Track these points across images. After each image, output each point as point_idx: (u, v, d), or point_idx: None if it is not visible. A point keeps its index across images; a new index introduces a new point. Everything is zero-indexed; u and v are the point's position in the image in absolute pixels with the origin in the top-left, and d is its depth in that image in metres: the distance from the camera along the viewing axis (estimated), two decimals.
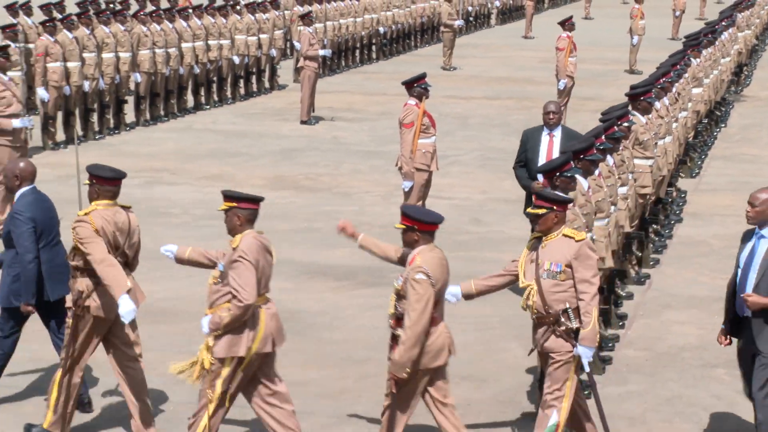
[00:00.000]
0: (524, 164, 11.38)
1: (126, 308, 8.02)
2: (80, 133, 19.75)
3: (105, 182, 8.74)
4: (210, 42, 23.06)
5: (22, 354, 9.59)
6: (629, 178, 11.42)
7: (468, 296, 8.56)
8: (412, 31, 34.38)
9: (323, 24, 27.45)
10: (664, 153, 13.26)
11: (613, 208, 10.37)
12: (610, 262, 10.18)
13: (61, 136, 19.50)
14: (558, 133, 11.13)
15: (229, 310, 7.61)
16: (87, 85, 19.37)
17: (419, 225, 7.88)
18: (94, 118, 20.16)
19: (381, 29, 31.95)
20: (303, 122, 22.14)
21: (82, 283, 8.39)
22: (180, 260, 8.54)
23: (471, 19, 39.47)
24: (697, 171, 18.11)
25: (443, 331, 8.04)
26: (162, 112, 22.08)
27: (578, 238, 7.82)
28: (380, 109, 23.33)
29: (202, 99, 23.75)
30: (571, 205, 8.90)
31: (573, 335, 7.66)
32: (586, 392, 8.79)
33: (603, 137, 10.28)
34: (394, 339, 7.88)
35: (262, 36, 25.06)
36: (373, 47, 32.04)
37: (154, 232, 14.25)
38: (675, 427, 9.09)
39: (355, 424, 9.03)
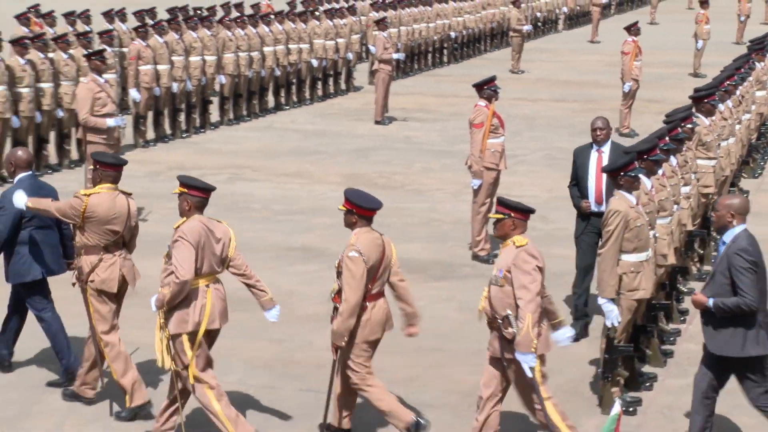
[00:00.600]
0: (576, 183, 11.13)
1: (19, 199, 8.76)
2: (168, 131, 19.95)
3: (107, 167, 9.00)
4: (290, 46, 23.16)
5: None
6: (692, 178, 11.32)
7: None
8: (482, 36, 34.31)
9: (397, 29, 27.53)
10: (727, 154, 13.12)
11: (675, 206, 10.26)
12: (672, 259, 10.06)
13: (151, 134, 19.70)
14: (606, 149, 10.68)
15: (169, 286, 7.85)
16: (175, 87, 19.55)
17: (357, 209, 8.26)
18: (182, 117, 20.34)
19: (452, 34, 31.91)
20: (377, 122, 22.17)
21: (86, 261, 8.72)
22: None
23: (539, 24, 39.28)
24: (759, 171, 17.87)
25: (382, 305, 8.32)
26: (245, 112, 22.21)
27: (518, 244, 7.75)
28: (451, 110, 23.26)
29: (282, 100, 23.87)
30: (635, 203, 8.84)
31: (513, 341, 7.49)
32: (630, 409, 8.76)
33: (667, 138, 10.22)
34: (336, 311, 8.10)
35: (339, 40, 25.12)
36: (445, 51, 32.03)
37: (234, 226, 14.31)
38: (735, 420, 8.97)
39: (425, 410, 8.98)
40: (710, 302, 7.78)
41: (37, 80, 16.68)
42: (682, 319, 11.11)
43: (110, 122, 13.87)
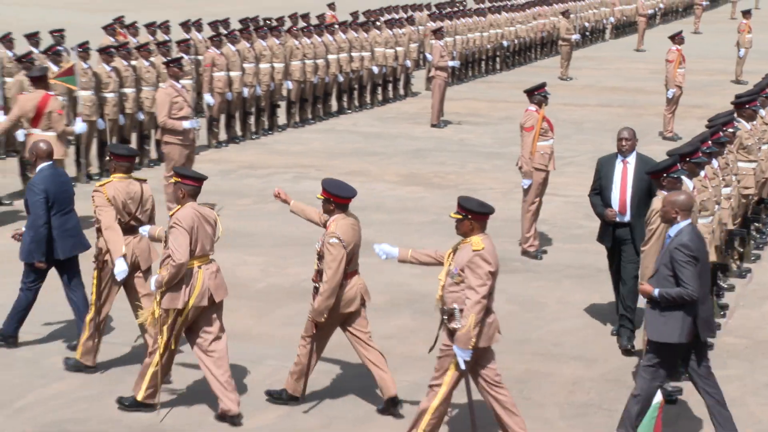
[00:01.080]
0: (599, 192, 10.61)
1: (119, 269, 8.92)
2: (239, 133, 20.08)
3: (120, 158, 9.30)
4: (353, 54, 23.22)
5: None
6: (733, 180, 11.20)
7: (402, 260, 8.71)
8: (532, 45, 34.24)
9: (453, 38, 27.55)
10: (767, 157, 12.92)
11: (717, 206, 10.14)
12: (712, 257, 9.93)
13: (223, 135, 19.85)
14: (632, 160, 10.16)
15: (167, 268, 8.21)
16: (246, 92, 19.67)
17: (334, 198, 8.54)
18: (252, 120, 20.46)
19: (504, 43, 31.84)
20: (433, 125, 22.16)
21: (103, 242, 9.08)
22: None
23: (587, 33, 39.07)
24: None
25: (357, 282, 8.70)
26: (310, 116, 22.30)
27: (474, 248, 7.79)
28: (502, 115, 23.20)
29: (345, 104, 23.94)
30: None
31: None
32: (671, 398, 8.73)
33: (709, 142, 10.12)
34: (316, 290, 8.46)
35: (398, 48, 25.15)
36: (497, 59, 31.96)
37: (300, 222, 14.36)
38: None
39: (475, 396, 8.95)
40: (655, 292, 7.89)
41: (121, 86, 16.93)
42: (722, 313, 10.96)
43: (186, 124, 13.98)
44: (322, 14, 27.83)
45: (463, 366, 7.70)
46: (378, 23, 25.55)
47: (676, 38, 21.04)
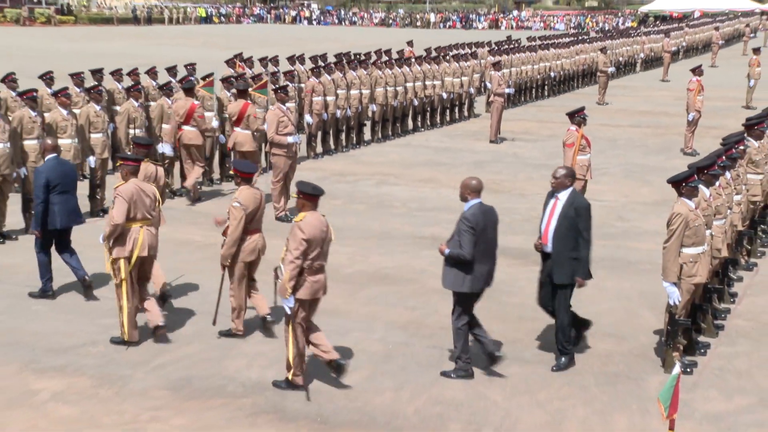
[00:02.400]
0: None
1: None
2: (332, 147, 20.21)
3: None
4: (426, 82, 23.23)
5: None
6: (743, 189, 11.16)
7: None
8: (575, 76, 33.94)
9: (509, 69, 27.44)
10: None
11: (729, 211, 10.09)
12: (725, 253, 9.92)
13: (319, 149, 19.95)
14: (563, 196, 8.92)
15: (107, 227, 9.12)
16: (339, 113, 19.77)
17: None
18: (343, 136, 20.58)
19: (552, 74, 31.65)
20: (491, 141, 22.08)
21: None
22: None
23: (621, 66, 38.70)
24: None
25: (257, 239, 9.37)
26: (390, 133, 22.34)
27: (296, 220, 8.21)
28: (549, 133, 23.06)
29: (419, 123, 23.91)
30: (694, 207, 8.75)
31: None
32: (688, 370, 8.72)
33: (723, 157, 10.10)
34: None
35: (463, 78, 25.10)
36: (546, 87, 31.74)
37: (381, 219, 14.49)
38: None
39: (524, 364, 8.98)
40: (446, 252, 8.55)
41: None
42: (732, 300, 10.83)
43: (290, 139, 14.13)
44: (401, 50, 27.90)
45: (288, 311, 8.16)
46: (447, 57, 25.52)
47: (697, 71, 20.79)
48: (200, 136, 15.22)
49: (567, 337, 8.97)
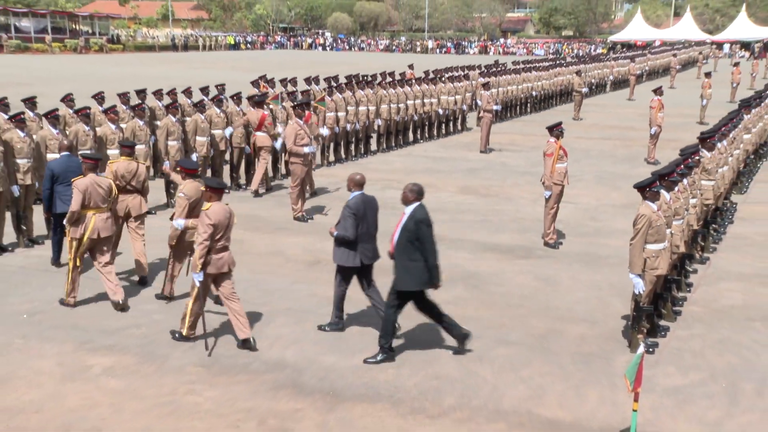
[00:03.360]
0: None
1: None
2: (343, 156, 20.21)
3: (125, 148, 10.71)
4: (425, 100, 23.25)
5: None
6: (698, 193, 11.16)
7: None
8: (554, 95, 33.93)
9: (497, 89, 27.46)
10: (722, 177, 12.81)
11: (686, 212, 10.09)
12: (683, 248, 9.94)
13: (332, 158, 19.93)
14: (408, 210, 8.56)
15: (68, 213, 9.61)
16: (349, 127, 19.77)
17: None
18: (352, 147, 20.57)
19: (533, 93, 31.66)
20: (481, 152, 22.07)
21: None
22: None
23: (593, 87, 38.71)
24: (745, 190, 17.39)
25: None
26: (393, 144, 22.34)
27: (203, 209, 8.57)
28: (532, 144, 23.07)
29: (418, 136, 23.91)
30: (656, 209, 8.77)
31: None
32: (650, 350, 8.74)
33: (681, 166, 10.09)
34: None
35: (457, 97, 25.14)
36: (528, 105, 31.73)
37: (385, 219, 14.47)
38: (724, 359, 8.77)
39: (510, 347, 8.98)
40: (335, 234, 8.96)
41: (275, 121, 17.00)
42: (688, 289, 10.84)
43: (306, 150, 14.15)
44: (403, 72, 27.91)
45: (197, 283, 8.60)
46: (443, 78, 25.53)
47: (658, 91, 20.80)
48: (269, 140, 16.16)
49: (386, 332, 8.58)
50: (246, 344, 8.73)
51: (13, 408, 7.45)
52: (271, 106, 17.27)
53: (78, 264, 9.78)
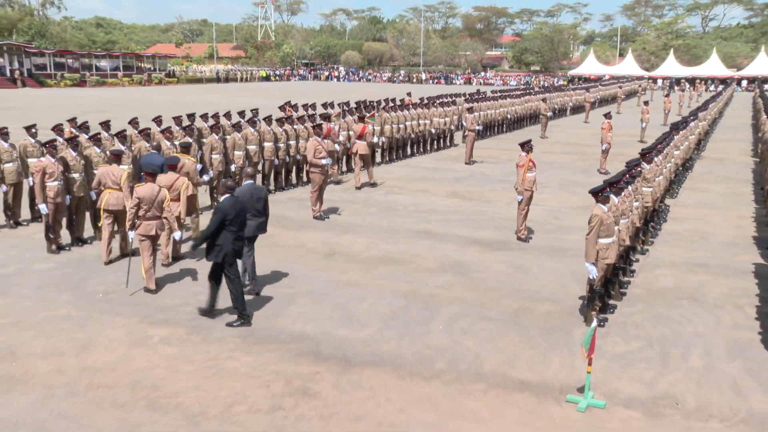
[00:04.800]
0: None
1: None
2: (353, 167, 20.11)
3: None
4: (420, 121, 23.21)
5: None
6: (640, 198, 11.16)
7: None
8: (525, 117, 33.81)
9: (479, 113, 27.36)
10: (658, 185, 12.78)
11: (630, 213, 10.09)
12: (628, 242, 9.90)
13: (344, 168, 19.86)
14: (220, 200, 9.07)
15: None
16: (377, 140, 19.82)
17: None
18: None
19: (508, 116, 31.56)
20: (466, 163, 21.98)
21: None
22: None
23: (556, 111, 38.59)
24: (676, 195, 17.39)
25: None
26: (394, 157, 22.27)
27: (135, 186, 9.42)
28: (506, 157, 23.04)
29: (415, 150, 23.79)
30: (607, 210, 8.76)
31: None
32: (601, 324, 8.52)
33: (627, 176, 10.07)
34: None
35: (446, 119, 25.04)
36: (504, 125, 31.64)
37: (388, 218, 14.53)
38: (658, 330, 8.76)
39: (489, 322, 8.98)
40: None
41: (288, 139, 16.97)
42: (631, 275, 10.83)
43: (323, 161, 14.08)
44: (402, 99, 27.82)
45: (137, 244, 9.39)
46: (435, 104, 25.44)
47: (607, 115, 20.75)
48: (368, 149, 17.52)
49: (239, 303, 8.60)
50: (147, 290, 9.56)
51: (94, 367, 7.53)
52: (367, 120, 18.30)
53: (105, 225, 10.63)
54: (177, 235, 10.32)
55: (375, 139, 18.58)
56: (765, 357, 8.05)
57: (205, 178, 14.05)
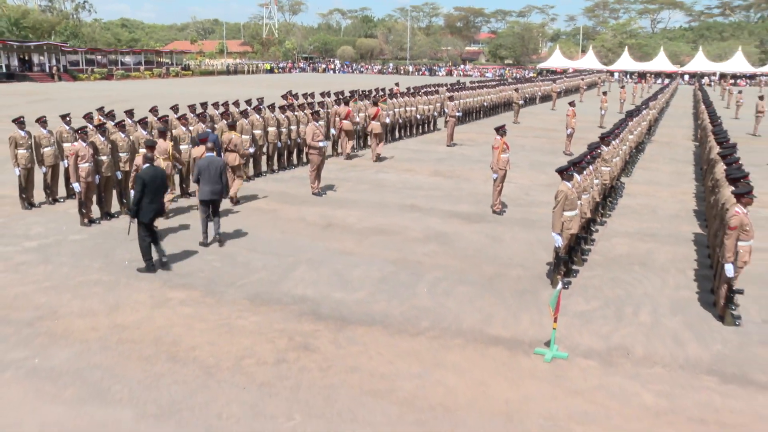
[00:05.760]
0: None
1: None
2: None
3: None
4: (407, 108, 23.03)
5: None
6: (599, 176, 11.13)
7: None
8: (499, 105, 33.58)
9: (459, 101, 27.10)
10: (615, 165, 12.76)
11: (591, 189, 10.06)
12: (589, 215, 9.88)
13: (340, 150, 19.70)
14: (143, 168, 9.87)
15: None
16: (352, 127, 19.43)
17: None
18: (354, 142, 20.28)
19: (485, 104, 31.33)
20: (448, 146, 21.86)
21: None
22: None
23: (527, 99, 38.43)
24: (630, 173, 17.39)
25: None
26: (385, 140, 22.08)
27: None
28: (484, 140, 22.94)
29: (403, 134, 23.64)
30: (571, 187, 8.73)
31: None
32: (566, 286, 8.53)
33: (588, 156, 10.03)
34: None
35: (430, 106, 24.89)
36: (482, 112, 31.46)
37: (379, 194, 14.47)
38: (614, 292, 8.79)
39: (467, 285, 8.98)
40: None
41: (290, 124, 16.70)
42: (592, 243, 10.84)
43: (320, 144, 13.91)
44: (391, 88, 27.58)
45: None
46: (420, 93, 25.24)
47: (572, 104, 20.69)
48: (381, 127, 18.43)
49: (144, 253, 9.05)
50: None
51: (122, 325, 7.51)
52: (381, 105, 19.09)
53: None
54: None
55: (333, 131, 18.51)
56: (701, 313, 8.13)
57: (250, 150, 14.72)
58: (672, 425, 5.80)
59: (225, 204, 12.79)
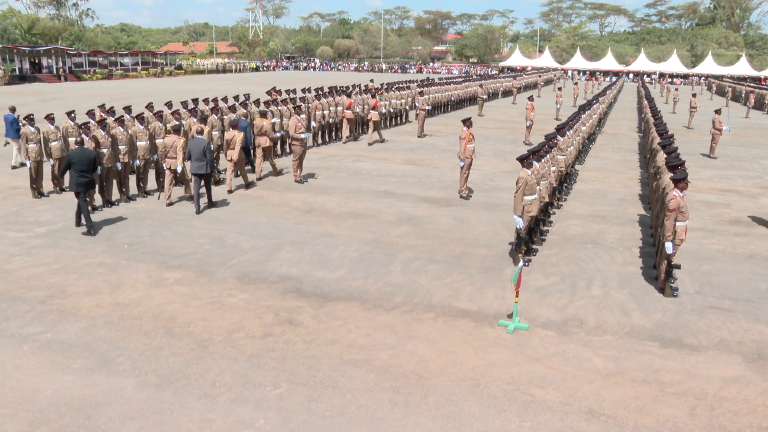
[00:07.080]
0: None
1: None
2: (327, 140, 19.73)
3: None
4: (383, 102, 22.80)
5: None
6: (556, 163, 11.12)
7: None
8: (465, 99, 33.54)
9: (428, 96, 27.02)
10: (570, 154, 12.81)
11: (549, 175, 10.05)
12: (547, 199, 9.92)
13: (320, 141, 19.49)
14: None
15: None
16: (330, 120, 19.22)
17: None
18: (333, 134, 20.04)
19: (452, 98, 31.25)
20: (418, 136, 21.72)
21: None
22: None
23: (490, 94, 38.43)
24: (583, 161, 17.47)
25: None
26: (359, 131, 21.83)
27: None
28: (451, 131, 22.90)
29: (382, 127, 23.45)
30: (531, 173, 8.72)
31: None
32: (526, 264, 8.54)
33: (546, 146, 10.01)
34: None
35: (402, 100, 24.71)
36: (449, 106, 31.39)
37: (355, 181, 14.36)
38: (569, 268, 8.83)
39: (437, 263, 8.96)
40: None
41: (273, 117, 16.37)
42: (549, 224, 10.87)
43: (303, 135, 13.74)
44: (367, 84, 27.36)
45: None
46: (392, 88, 25.06)
47: (530, 98, 20.73)
48: (379, 116, 19.28)
49: (86, 219, 9.70)
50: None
51: (123, 303, 7.39)
52: (378, 98, 19.74)
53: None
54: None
55: (313, 123, 18.38)
56: (645, 286, 8.23)
57: (277, 135, 15.51)
58: (619, 385, 5.88)
59: (221, 194, 12.56)
